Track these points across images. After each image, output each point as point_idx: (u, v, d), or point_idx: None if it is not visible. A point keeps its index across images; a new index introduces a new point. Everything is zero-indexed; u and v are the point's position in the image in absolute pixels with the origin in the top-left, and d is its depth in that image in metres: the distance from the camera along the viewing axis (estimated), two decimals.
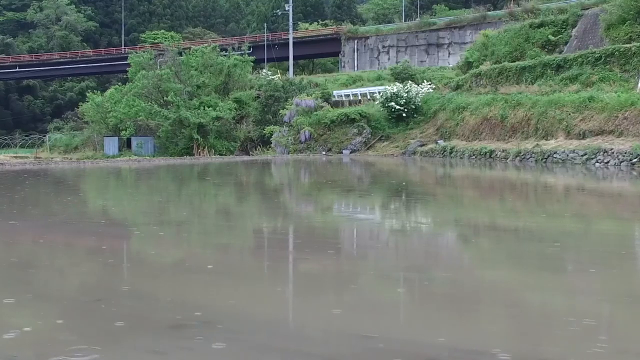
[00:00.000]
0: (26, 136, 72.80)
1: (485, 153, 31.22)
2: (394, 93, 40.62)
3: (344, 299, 4.94)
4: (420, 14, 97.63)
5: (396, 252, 7.45)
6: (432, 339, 3.89)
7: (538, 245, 7.39)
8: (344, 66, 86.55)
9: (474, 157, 31.84)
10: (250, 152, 46.69)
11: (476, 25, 78.96)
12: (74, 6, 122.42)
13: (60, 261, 6.85)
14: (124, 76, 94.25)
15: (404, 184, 18.92)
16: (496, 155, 30.53)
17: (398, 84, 42.27)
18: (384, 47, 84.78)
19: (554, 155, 26.89)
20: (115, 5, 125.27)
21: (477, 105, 35.99)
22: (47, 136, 65.86)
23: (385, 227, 9.50)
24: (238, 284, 5.56)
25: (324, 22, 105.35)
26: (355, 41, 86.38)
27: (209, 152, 48.15)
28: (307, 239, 8.33)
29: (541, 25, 45.11)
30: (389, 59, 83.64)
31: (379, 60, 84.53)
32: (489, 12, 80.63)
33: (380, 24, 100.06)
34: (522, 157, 28.61)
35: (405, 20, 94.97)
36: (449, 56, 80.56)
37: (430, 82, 44.35)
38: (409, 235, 8.68)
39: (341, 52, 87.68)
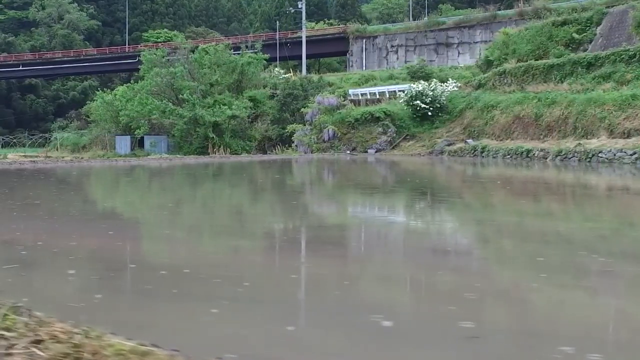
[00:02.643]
0: (32, 135, 71.84)
1: (522, 152, 30.42)
2: (419, 91, 39.83)
3: None
4: (426, 13, 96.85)
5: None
6: None
7: None
8: (351, 65, 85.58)
9: (509, 156, 31.04)
10: (268, 151, 45.80)
11: (486, 25, 78.34)
12: (77, 5, 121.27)
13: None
14: (135, 74, 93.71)
15: (501, 182, 18.04)
16: (534, 154, 29.74)
17: (423, 82, 41.46)
18: (392, 46, 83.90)
19: (599, 155, 26.11)
20: (117, 4, 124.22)
21: (508, 104, 35.24)
22: (56, 135, 64.84)
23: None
24: None
25: (329, 22, 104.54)
26: (364, 40, 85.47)
27: (224, 151, 47.24)
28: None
29: (564, 23, 44.37)
30: (397, 58, 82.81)
31: (387, 59, 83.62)
32: (499, 12, 79.85)
33: (384, 23, 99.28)
34: (564, 156, 27.81)
35: (411, 20, 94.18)
36: (458, 56, 79.78)
37: (455, 81, 43.50)
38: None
39: (349, 52, 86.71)
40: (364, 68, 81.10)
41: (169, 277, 5.30)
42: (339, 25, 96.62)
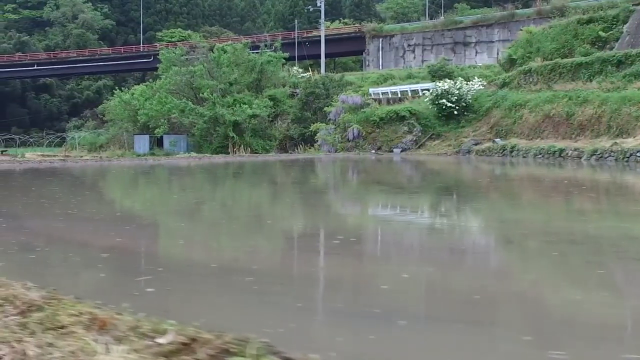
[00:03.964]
0: (50, 134, 71.72)
1: (554, 152, 29.81)
2: (445, 90, 39.27)
3: None
4: (442, 12, 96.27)
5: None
6: None
7: None
8: (368, 65, 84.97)
9: (540, 156, 30.44)
10: (290, 151, 45.34)
11: (504, 24, 77.82)
12: (91, 4, 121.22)
13: None
14: (149, 74, 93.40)
15: (567, 182, 17.46)
16: (567, 154, 29.14)
17: (449, 80, 40.92)
18: (409, 45, 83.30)
19: (637, 154, 25.52)
20: (131, 3, 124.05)
21: (537, 102, 34.67)
22: (73, 135, 64.59)
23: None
24: None
25: (344, 21, 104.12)
26: (380, 39, 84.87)
27: (244, 150, 46.81)
28: None
29: (590, 21, 43.74)
30: (414, 57, 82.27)
31: (404, 58, 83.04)
32: (517, 11, 79.25)
33: (399, 22, 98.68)
34: (599, 156, 27.21)
35: (427, 19, 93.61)
36: (476, 55, 79.16)
37: (481, 79, 42.94)
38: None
39: (365, 51, 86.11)
40: (380, 67, 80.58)
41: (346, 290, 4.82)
42: (353, 24, 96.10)
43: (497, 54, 75.73)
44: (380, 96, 46.36)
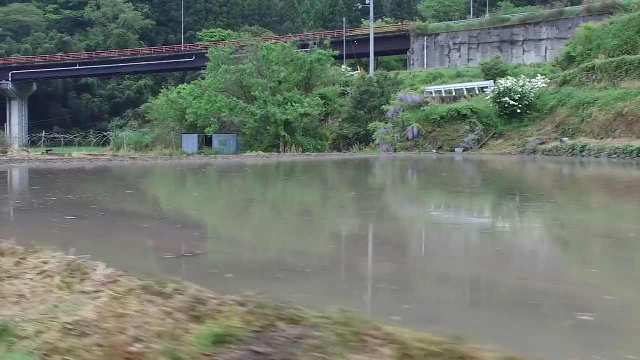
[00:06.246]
0: (97, 133, 71.76)
1: (632, 151, 28.55)
2: (507, 88, 38.09)
3: None
4: (487, 10, 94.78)
5: None
6: None
7: None
8: (412, 64, 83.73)
9: (615, 155, 29.20)
10: (344, 150, 44.43)
11: (552, 22, 76.16)
12: (131, 4, 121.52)
13: None
14: (189, 74, 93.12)
15: None
16: None
17: (511, 78, 39.74)
18: (454, 44, 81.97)
19: None
20: (171, 3, 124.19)
21: (607, 100, 33.38)
22: (121, 135, 64.42)
23: None
24: None
25: (385, 20, 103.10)
26: (425, 38, 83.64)
27: (296, 150, 46.03)
28: None
29: None
30: (460, 56, 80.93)
31: (449, 57, 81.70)
32: (566, 8, 77.57)
33: (440, 22, 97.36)
34: None
35: (472, 17, 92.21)
36: (523, 53, 77.57)
37: (544, 77, 41.69)
38: None
39: (410, 50, 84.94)
40: (425, 66, 79.42)
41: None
42: (395, 23, 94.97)
43: (546, 52, 74.31)
44: (434, 94, 45.21)
